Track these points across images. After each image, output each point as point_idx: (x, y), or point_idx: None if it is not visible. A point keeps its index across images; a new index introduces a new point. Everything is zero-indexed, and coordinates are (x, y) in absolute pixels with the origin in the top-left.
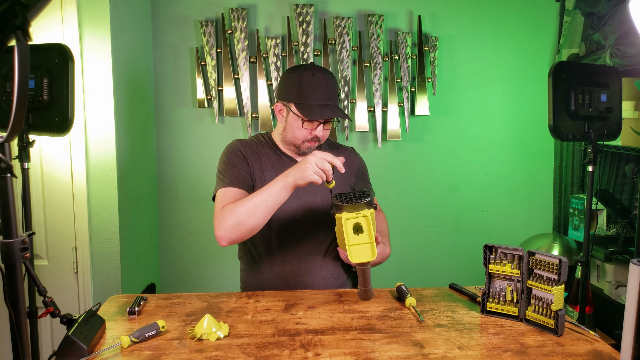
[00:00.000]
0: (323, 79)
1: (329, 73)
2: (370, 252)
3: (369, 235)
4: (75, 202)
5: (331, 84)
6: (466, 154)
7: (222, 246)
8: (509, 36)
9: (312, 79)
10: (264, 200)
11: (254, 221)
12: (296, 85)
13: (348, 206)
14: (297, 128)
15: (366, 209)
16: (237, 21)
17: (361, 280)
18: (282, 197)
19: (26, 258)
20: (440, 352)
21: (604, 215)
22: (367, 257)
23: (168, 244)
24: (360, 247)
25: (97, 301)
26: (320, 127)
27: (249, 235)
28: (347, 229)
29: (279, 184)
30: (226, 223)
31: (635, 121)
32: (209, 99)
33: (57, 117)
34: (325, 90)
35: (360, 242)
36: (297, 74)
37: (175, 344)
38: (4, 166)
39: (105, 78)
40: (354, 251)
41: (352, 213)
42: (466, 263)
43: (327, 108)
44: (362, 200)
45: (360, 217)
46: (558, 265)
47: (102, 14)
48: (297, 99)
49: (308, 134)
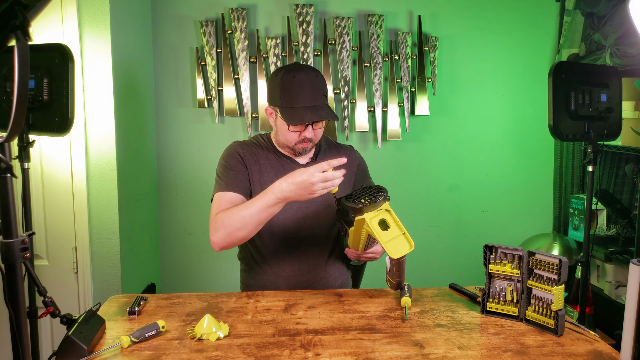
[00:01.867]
0: (304, 80)
1: (312, 72)
2: (407, 243)
3: (398, 227)
4: (75, 202)
5: (314, 84)
6: (466, 154)
7: (216, 251)
8: (509, 36)
9: (293, 81)
10: (255, 215)
11: (244, 233)
12: (278, 88)
13: (369, 206)
14: (286, 132)
15: (384, 203)
16: (237, 21)
17: (397, 273)
18: (274, 211)
19: (26, 258)
20: (440, 352)
21: (604, 215)
22: (405, 249)
23: (168, 244)
24: (396, 241)
25: (97, 301)
26: (309, 129)
27: (241, 242)
28: (375, 227)
29: (271, 198)
30: (218, 232)
31: (635, 121)
32: (209, 99)
33: (57, 117)
34: (306, 91)
35: (394, 236)
36: (278, 77)
37: (175, 344)
38: (4, 166)
39: (105, 78)
40: (391, 247)
41: (373, 212)
42: (466, 263)
43: (309, 110)
44: (379, 196)
45: (382, 212)
46: (558, 265)
47: (102, 14)
48: (281, 103)
49: (297, 136)
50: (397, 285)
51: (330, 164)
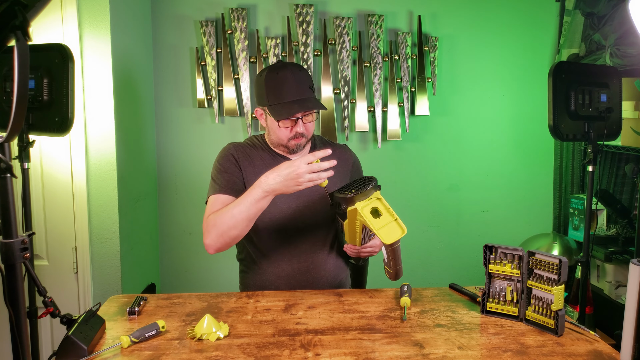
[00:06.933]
0: (288, 75)
1: (294, 67)
2: (399, 228)
3: (390, 213)
4: (75, 202)
5: (298, 78)
6: (466, 153)
7: (210, 254)
8: (509, 36)
9: (277, 77)
10: (244, 211)
11: (236, 231)
12: (263, 87)
13: (359, 195)
14: (277, 129)
15: (375, 192)
16: (237, 21)
17: (393, 261)
18: (262, 206)
19: (26, 258)
20: (440, 352)
21: (604, 215)
22: (397, 234)
23: (168, 244)
24: (388, 227)
25: (97, 301)
26: (299, 123)
27: (234, 242)
28: (367, 216)
29: (259, 192)
30: (211, 234)
31: (635, 121)
32: (209, 99)
33: (57, 117)
34: (291, 85)
35: (386, 223)
36: (262, 76)
37: (175, 344)
38: (4, 166)
39: (105, 78)
40: (384, 233)
41: (364, 200)
42: (466, 263)
43: (296, 103)
44: (369, 185)
45: (373, 200)
46: (558, 265)
47: (102, 14)
48: (268, 101)
49: (289, 132)
50: (395, 275)
51: (316, 155)
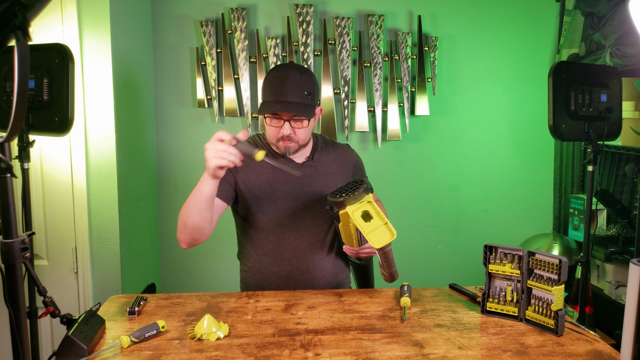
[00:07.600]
0: (285, 76)
1: (296, 70)
2: (389, 232)
3: (380, 217)
4: (75, 202)
5: (295, 80)
6: (466, 153)
7: (183, 248)
8: (509, 36)
9: (275, 76)
10: (191, 198)
11: (192, 220)
12: (263, 84)
13: (349, 199)
14: (267, 127)
15: (366, 195)
16: (237, 21)
17: (386, 264)
18: (207, 190)
19: (26, 258)
20: (440, 352)
21: (604, 215)
22: (387, 238)
23: (168, 244)
24: (378, 231)
25: (97, 301)
26: (286, 125)
27: (199, 235)
28: (358, 219)
29: (202, 178)
30: (178, 227)
31: (635, 121)
32: (209, 99)
33: (57, 117)
34: (283, 85)
35: (376, 227)
36: (267, 73)
37: (175, 344)
38: (4, 166)
39: (105, 78)
40: (373, 237)
41: (355, 204)
42: (466, 263)
43: (278, 103)
44: (359, 188)
45: (364, 204)
46: (558, 265)
47: (102, 14)
48: (262, 97)
49: (277, 132)
50: (390, 277)
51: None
